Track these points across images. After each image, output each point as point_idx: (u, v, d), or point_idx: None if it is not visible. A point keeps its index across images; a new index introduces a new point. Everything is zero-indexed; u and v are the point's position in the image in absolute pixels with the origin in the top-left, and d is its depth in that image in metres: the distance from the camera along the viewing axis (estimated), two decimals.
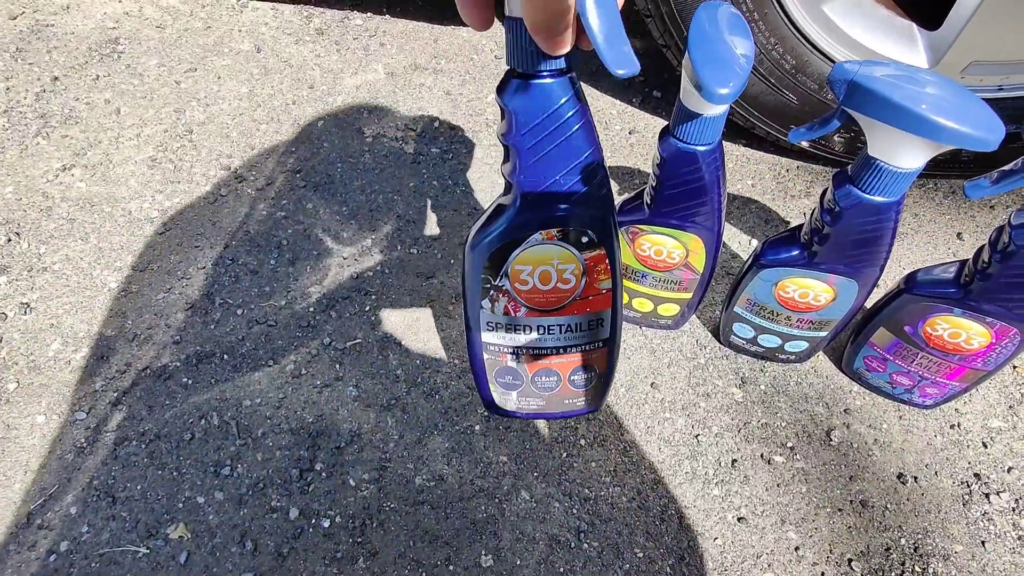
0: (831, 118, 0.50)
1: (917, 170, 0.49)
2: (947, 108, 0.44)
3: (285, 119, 1.07)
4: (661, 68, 1.15)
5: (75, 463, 0.71)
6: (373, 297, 0.85)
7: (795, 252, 0.61)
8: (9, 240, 0.90)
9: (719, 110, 0.51)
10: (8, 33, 1.19)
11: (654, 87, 1.12)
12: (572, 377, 0.62)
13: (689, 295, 0.72)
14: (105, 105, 1.09)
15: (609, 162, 1.00)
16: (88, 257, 0.89)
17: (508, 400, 0.66)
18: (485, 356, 0.60)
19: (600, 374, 0.62)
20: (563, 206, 0.45)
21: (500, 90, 0.41)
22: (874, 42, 0.79)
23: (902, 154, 0.47)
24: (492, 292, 0.52)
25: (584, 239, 0.48)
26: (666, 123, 0.57)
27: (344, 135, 1.04)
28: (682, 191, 0.58)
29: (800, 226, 0.62)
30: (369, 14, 1.25)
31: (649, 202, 0.62)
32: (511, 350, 0.58)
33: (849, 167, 0.53)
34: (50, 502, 0.69)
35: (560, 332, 0.56)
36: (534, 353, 0.58)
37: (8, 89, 1.09)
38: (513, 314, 0.54)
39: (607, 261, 0.50)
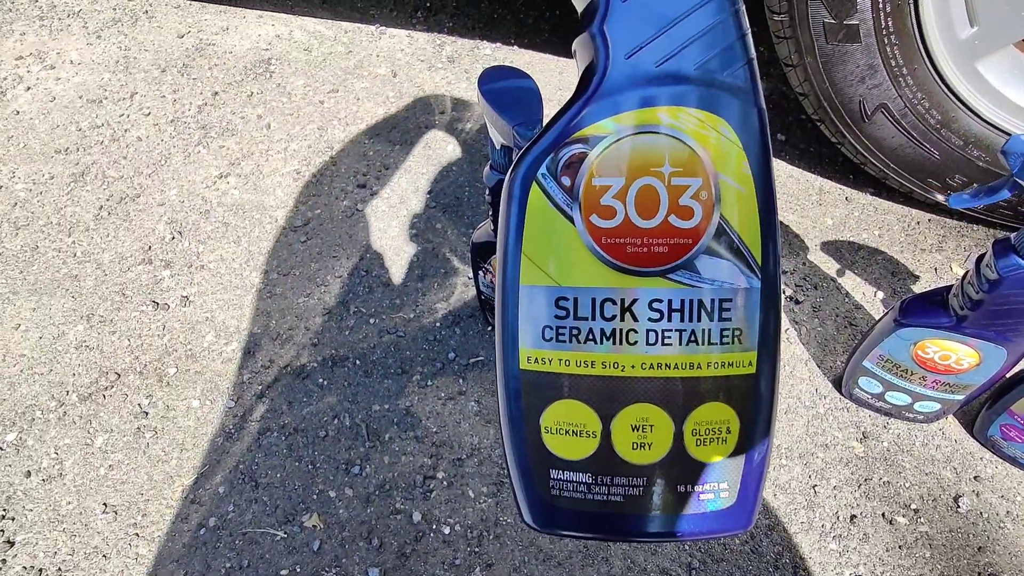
0: (1001, 187, 0.50)
1: None
2: None
3: (418, 142, 1.14)
4: (787, 112, 1.15)
5: (224, 447, 0.79)
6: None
7: (940, 315, 0.60)
8: (173, 238, 1.00)
9: None
10: (176, 50, 1.32)
11: (777, 131, 1.12)
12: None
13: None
14: (257, 120, 1.19)
15: None
16: (239, 259, 0.98)
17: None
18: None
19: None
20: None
21: None
22: None
23: None
24: None
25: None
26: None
27: (472, 160, 1.10)
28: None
29: (947, 287, 0.61)
30: (498, 44, 1.32)
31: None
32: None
33: (1013, 236, 0.52)
34: (201, 480, 0.76)
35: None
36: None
37: (175, 101, 1.22)
38: None
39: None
